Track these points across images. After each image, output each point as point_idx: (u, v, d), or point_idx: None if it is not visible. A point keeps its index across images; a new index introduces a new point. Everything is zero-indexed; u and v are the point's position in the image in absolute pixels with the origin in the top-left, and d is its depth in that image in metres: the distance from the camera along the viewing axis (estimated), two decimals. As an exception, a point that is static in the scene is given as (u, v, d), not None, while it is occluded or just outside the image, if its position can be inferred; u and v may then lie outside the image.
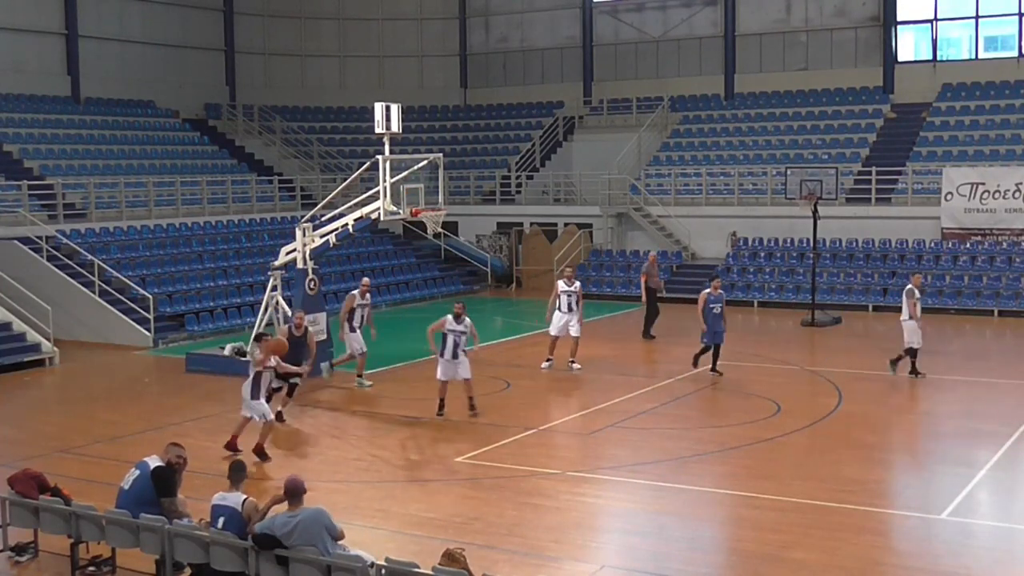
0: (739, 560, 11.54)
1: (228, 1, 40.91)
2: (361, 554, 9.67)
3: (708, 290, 20.67)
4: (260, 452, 15.22)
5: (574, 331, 21.53)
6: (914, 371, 20.01)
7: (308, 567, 9.41)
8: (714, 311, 20.30)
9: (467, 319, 17.59)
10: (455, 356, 17.34)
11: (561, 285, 21.72)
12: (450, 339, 17.34)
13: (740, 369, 21.08)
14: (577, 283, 21.96)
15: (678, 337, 24.91)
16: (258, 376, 15.41)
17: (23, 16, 34.62)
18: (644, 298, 25.69)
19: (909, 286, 20.13)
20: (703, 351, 20.74)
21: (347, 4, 43.24)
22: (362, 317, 20.55)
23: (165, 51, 38.68)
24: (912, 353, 19.97)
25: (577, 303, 21.57)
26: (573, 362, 21.47)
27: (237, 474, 10.23)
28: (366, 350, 20.40)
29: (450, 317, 17.48)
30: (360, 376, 20.35)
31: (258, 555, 9.65)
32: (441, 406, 17.60)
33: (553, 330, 21.66)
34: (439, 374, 17.53)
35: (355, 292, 20.74)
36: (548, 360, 21.67)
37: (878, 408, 18.05)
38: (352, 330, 20.31)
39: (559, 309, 21.59)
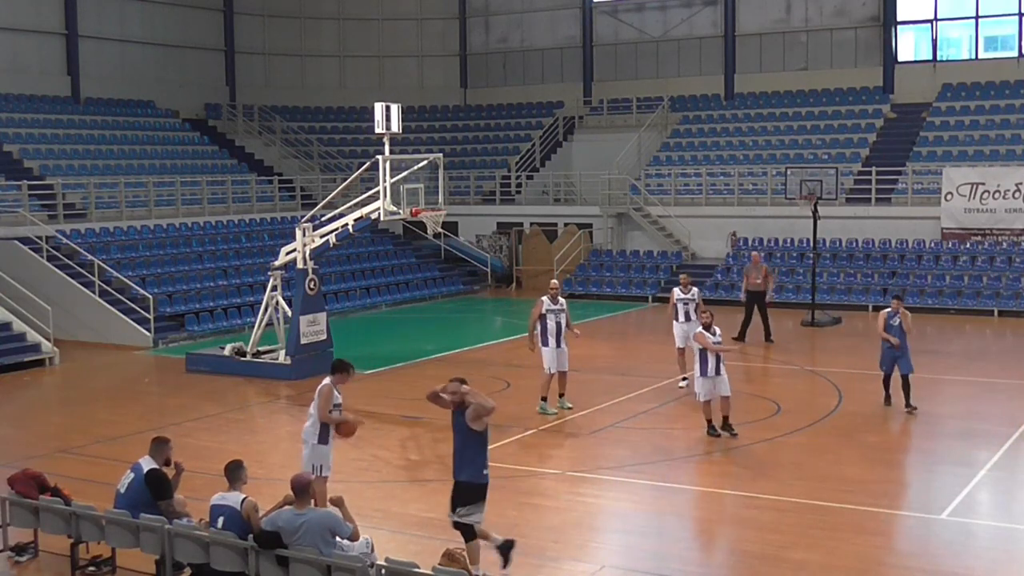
0: (739, 560, 11.54)
1: (228, 1, 40.91)
2: (364, 540, 9.72)
3: (889, 309, 17.96)
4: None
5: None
6: None
7: (308, 567, 9.41)
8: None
9: (718, 328, 16.22)
10: (718, 372, 15.98)
11: (677, 293, 19.79)
12: (711, 357, 15.98)
13: (740, 369, 21.04)
14: (694, 290, 19.92)
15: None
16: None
17: (23, 16, 34.62)
18: (744, 301, 24.71)
19: None
20: (888, 380, 17.95)
21: (347, 4, 43.23)
22: (558, 325, 17.52)
23: (165, 51, 38.69)
24: None
25: (696, 311, 19.11)
26: (684, 378, 19.35)
27: (235, 473, 10.21)
28: (554, 370, 17.59)
29: (703, 331, 16.01)
30: (543, 399, 17.71)
31: (258, 555, 9.65)
32: (711, 425, 16.13)
33: (679, 342, 19.50)
34: (701, 394, 16.15)
35: (544, 297, 17.80)
36: (684, 378, 19.30)
37: (878, 408, 18.02)
38: (545, 343, 17.57)
39: (676, 320, 19.69)
